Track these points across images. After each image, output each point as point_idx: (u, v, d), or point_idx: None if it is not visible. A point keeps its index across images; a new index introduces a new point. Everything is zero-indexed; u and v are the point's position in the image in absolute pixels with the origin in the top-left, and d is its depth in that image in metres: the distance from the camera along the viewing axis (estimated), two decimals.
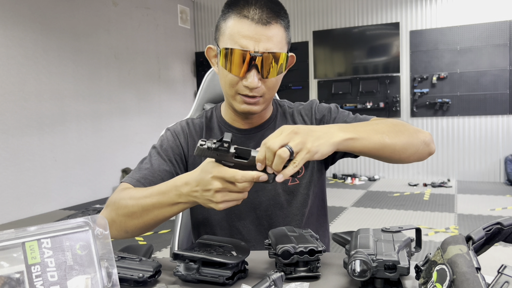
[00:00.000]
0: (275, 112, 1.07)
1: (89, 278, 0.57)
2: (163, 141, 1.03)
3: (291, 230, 0.82)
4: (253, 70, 0.88)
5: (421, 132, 0.90)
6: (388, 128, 0.84)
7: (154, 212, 0.82)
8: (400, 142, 0.84)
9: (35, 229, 0.57)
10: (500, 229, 0.60)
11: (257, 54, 0.87)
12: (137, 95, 5.86)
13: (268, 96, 0.94)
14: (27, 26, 4.34)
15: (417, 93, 5.81)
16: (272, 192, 1.02)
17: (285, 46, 0.93)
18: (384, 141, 0.82)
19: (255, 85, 0.89)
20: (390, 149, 0.83)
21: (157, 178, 0.95)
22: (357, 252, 0.66)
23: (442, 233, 3.37)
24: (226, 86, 0.94)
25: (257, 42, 0.87)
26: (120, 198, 0.86)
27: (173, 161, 1.00)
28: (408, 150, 0.86)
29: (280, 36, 0.90)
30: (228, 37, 0.89)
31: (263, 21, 0.87)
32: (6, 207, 4.12)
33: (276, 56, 0.88)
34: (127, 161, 5.67)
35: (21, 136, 4.27)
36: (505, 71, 5.41)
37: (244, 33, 0.87)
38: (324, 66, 6.30)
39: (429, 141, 0.90)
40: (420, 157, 0.90)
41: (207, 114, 1.08)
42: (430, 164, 5.91)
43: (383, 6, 5.97)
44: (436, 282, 0.53)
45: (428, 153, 0.91)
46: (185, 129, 1.05)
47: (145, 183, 0.94)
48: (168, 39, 6.51)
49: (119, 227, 0.86)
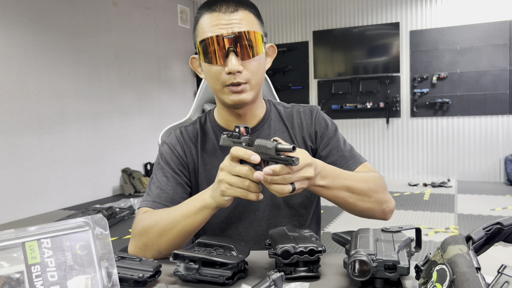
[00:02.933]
0: (268, 113, 1.07)
1: (89, 278, 0.57)
2: (163, 154, 1.04)
3: (291, 230, 0.82)
4: (230, 54, 0.90)
5: (390, 201, 0.96)
6: (361, 190, 0.89)
7: (181, 223, 0.85)
8: (361, 207, 0.90)
9: (35, 229, 0.57)
10: (500, 229, 0.60)
11: (230, 35, 0.89)
12: (137, 95, 5.86)
13: (254, 81, 0.95)
14: (27, 26, 4.34)
15: (417, 93, 5.81)
16: (269, 192, 1.02)
17: (259, 29, 0.95)
18: (347, 200, 0.87)
19: (236, 68, 0.90)
20: (346, 206, 0.90)
21: (169, 193, 0.97)
22: (357, 252, 0.65)
23: (442, 233, 3.37)
24: (212, 81, 0.95)
25: (229, 26, 0.90)
26: (149, 222, 0.89)
27: (177, 172, 1.02)
28: (364, 213, 0.92)
29: (250, 19, 0.93)
30: (201, 32, 0.93)
31: (231, 9, 0.91)
32: (6, 207, 4.12)
33: (250, 34, 0.91)
34: (127, 161, 5.67)
35: (21, 136, 4.27)
36: (505, 71, 5.41)
37: (215, 23, 0.91)
38: (324, 66, 6.29)
39: (388, 211, 0.95)
40: (371, 216, 0.95)
41: (201, 120, 1.10)
42: (430, 164, 5.92)
43: (383, 6, 5.97)
44: (436, 282, 0.53)
45: (381, 217, 0.96)
46: (180, 138, 1.06)
47: (160, 201, 0.96)
48: (168, 39, 6.51)
49: (153, 250, 0.88)
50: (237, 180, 0.76)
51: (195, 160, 1.04)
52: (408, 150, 6.02)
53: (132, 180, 5.50)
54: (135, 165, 5.79)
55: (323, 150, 1.03)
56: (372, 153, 6.20)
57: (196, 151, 1.05)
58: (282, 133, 1.05)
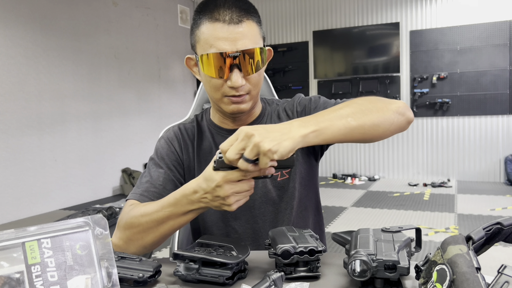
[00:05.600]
0: (263, 111, 1.08)
1: (89, 278, 0.57)
2: (158, 149, 1.04)
3: (291, 230, 0.82)
4: (235, 70, 0.89)
5: (393, 103, 0.86)
6: (353, 109, 0.80)
7: (169, 223, 0.84)
8: (368, 121, 0.80)
9: (35, 229, 0.57)
10: (500, 229, 0.60)
11: (236, 54, 0.88)
12: (137, 95, 5.86)
13: (254, 92, 0.95)
14: (27, 26, 4.34)
15: (417, 93, 5.81)
16: (263, 189, 1.02)
17: (261, 40, 0.94)
18: (350, 124, 0.78)
19: (240, 84, 0.90)
20: (359, 131, 0.80)
21: (159, 188, 0.97)
22: (357, 252, 0.65)
23: (442, 233, 3.37)
24: (212, 91, 0.95)
25: (233, 42, 0.88)
26: (132, 217, 0.87)
27: (171, 167, 1.02)
28: (381, 126, 0.82)
29: (254, 31, 0.91)
30: (204, 42, 0.90)
31: (234, 21, 0.88)
32: (6, 207, 4.12)
33: (254, 52, 0.90)
34: (127, 161, 5.67)
35: (21, 136, 4.27)
36: (505, 71, 5.41)
37: (219, 35, 0.88)
38: (324, 66, 6.30)
39: (403, 110, 0.86)
40: (397, 128, 0.86)
41: (198, 118, 1.10)
42: (430, 164, 5.92)
43: (383, 6, 5.97)
44: (436, 282, 0.53)
45: (406, 122, 0.88)
46: (178, 134, 1.06)
47: (148, 195, 0.95)
48: (168, 39, 6.51)
49: (137, 244, 0.88)
50: (245, 193, 0.76)
51: (191, 157, 1.05)
52: (408, 150, 6.02)
53: (132, 180, 5.50)
54: (135, 165, 5.79)
55: None
56: (372, 153, 6.20)
57: (192, 148, 1.06)
58: None
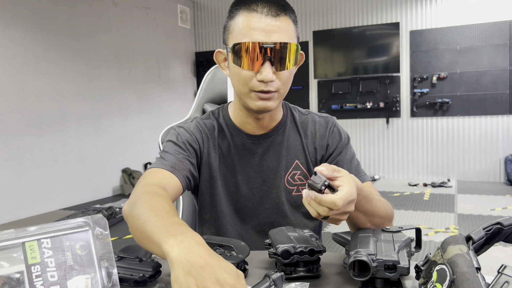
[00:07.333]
0: (285, 118, 1.04)
1: (89, 278, 0.57)
2: (178, 135, 0.98)
3: (291, 230, 0.82)
4: (266, 63, 0.86)
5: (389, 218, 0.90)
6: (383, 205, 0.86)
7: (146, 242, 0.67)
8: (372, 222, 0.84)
9: (35, 229, 0.57)
10: (500, 229, 0.60)
11: (270, 45, 0.85)
12: (137, 95, 5.86)
13: (282, 91, 0.92)
14: (27, 26, 4.34)
15: (417, 93, 5.81)
16: (276, 200, 1.01)
17: (295, 39, 0.92)
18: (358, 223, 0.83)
19: (270, 78, 0.86)
20: (361, 223, 0.84)
21: (181, 166, 0.92)
22: (357, 252, 0.65)
23: (442, 233, 3.36)
24: (240, 84, 0.91)
25: (268, 33, 0.86)
26: (139, 198, 0.74)
27: (190, 150, 0.97)
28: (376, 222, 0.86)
29: (290, 28, 0.89)
30: (238, 32, 0.88)
31: (272, 13, 0.86)
32: (6, 207, 4.12)
33: (288, 47, 0.87)
34: (127, 161, 5.67)
35: (21, 136, 4.27)
36: (505, 71, 5.41)
37: (255, 26, 0.86)
38: (324, 66, 6.29)
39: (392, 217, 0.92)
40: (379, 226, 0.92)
41: (216, 116, 1.05)
42: (430, 164, 5.91)
43: (383, 6, 5.97)
44: (436, 282, 0.53)
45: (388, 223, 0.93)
46: (198, 127, 1.01)
47: (178, 169, 0.90)
48: (168, 39, 6.51)
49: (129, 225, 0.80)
50: None
51: (211, 153, 1.00)
52: (408, 150, 6.01)
53: (132, 180, 5.50)
54: (135, 165, 5.79)
55: (332, 161, 1.02)
56: (372, 153, 6.20)
57: (213, 144, 1.01)
58: (295, 141, 1.04)
